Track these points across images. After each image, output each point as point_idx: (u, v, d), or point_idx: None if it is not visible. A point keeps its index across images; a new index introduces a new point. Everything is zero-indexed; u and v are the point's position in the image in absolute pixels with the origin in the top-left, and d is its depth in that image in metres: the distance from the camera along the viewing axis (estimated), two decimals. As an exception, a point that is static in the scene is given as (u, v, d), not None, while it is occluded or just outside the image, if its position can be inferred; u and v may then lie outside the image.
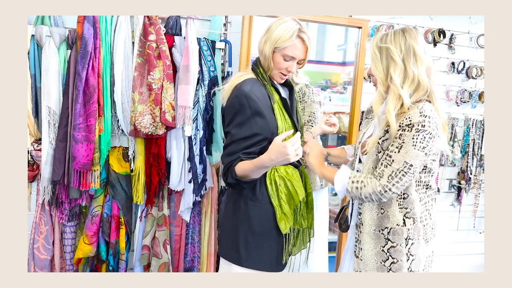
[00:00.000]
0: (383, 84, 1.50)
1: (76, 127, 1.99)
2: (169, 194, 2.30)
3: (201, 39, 2.20)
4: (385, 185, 1.45)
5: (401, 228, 1.51)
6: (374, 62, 1.52)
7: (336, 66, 2.78)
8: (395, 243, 1.52)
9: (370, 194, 1.47)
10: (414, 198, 1.52)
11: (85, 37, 1.99)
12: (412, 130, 1.41)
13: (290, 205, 1.57)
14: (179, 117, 2.11)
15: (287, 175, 1.57)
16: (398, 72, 1.46)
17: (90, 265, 2.27)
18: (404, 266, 1.52)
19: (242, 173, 1.47)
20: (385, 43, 1.48)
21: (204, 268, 2.37)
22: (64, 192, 2.11)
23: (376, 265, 1.55)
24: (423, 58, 1.47)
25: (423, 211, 1.55)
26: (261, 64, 1.59)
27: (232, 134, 1.50)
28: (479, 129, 3.01)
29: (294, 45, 1.53)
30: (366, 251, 1.57)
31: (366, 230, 1.57)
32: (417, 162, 1.43)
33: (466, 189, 3.07)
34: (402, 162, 1.43)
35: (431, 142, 1.43)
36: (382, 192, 1.45)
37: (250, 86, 1.50)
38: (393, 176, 1.44)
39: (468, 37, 2.93)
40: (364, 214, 1.58)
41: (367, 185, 1.47)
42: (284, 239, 1.58)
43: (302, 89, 2.29)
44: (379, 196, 1.47)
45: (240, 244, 1.55)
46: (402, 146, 1.43)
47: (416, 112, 1.43)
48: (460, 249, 3.21)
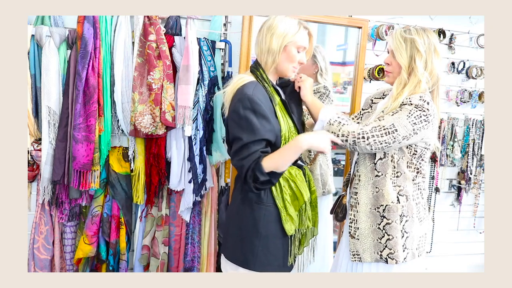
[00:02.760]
0: (406, 70, 1.61)
1: (76, 127, 1.99)
2: (169, 194, 2.30)
3: (201, 39, 2.20)
4: (365, 131, 1.54)
5: (395, 205, 1.60)
6: (398, 51, 1.63)
7: (336, 66, 2.77)
8: (390, 220, 1.60)
9: (349, 132, 1.56)
10: (407, 176, 1.62)
11: (85, 37, 1.99)
12: (411, 106, 1.54)
13: (295, 207, 1.56)
14: (179, 117, 2.11)
15: (291, 176, 1.56)
16: (421, 62, 1.59)
17: (90, 265, 2.27)
18: (399, 243, 1.59)
19: (273, 166, 1.45)
20: (410, 34, 1.61)
21: (204, 268, 2.37)
22: (64, 192, 2.11)
23: (373, 243, 1.63)
24: (440, 54, 1.63)
25: (414, 190, 1.65)
26: (260, 65, 1.58)
27: (240, 138, 1.45)
28: (479, 129, 3.01)
29: (303, 36, 1.57)
30: (362, 229, 1.65)
31: (362, 209, 1.65)
32: (403, 131, 1.53)
33: (466, 189, 3.07)
34: (390, 122, 1.53)
35: (424, 124, 1.54)
36: (360, 136, 1.54)
37: (252, 89, 1.48)
38: (376, 128, 1.54)
39: (468, 37, 2.93)
40: (360, 193, 1.66)
41: (350, 125, 1.58)
42: (290, 241, 1.58)
43: (319, 88, 2.31)
44: (355, 139, 1.55)
45: (246, 247, 1.54)
46: (397, 112, 1.55)
47: (417, 96, 1.55)
48: (460, 249, 3.21)
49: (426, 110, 1.53)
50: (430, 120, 1.55)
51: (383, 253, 1.60)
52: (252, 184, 1.46)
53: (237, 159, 1.48)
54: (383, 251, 1.60)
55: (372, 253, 1.63)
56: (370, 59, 2.62)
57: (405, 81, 1.61)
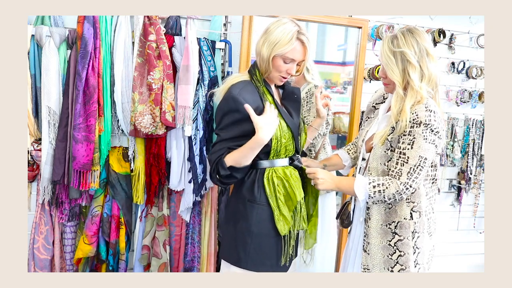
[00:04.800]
0: (401, 85, 1.54)
1: (76, 127, 1.99)
2: (169, 194, 2.30)
3: (201, 39, 2.20)
4: (405, 182, 1.49)
5: (408, 221, 1.56)
6: (389, 67, 1.54)
7: (336, 66, 2.77)
8: (402, 237, 1.56)
9: (394, 194, 1.50)
10: (422, 192, 1.58)
11: (85, 37, 1.99)
12: (421, 126, 1.47)
13: (289, 207, 1.57)
14: (179, 117, 2.11)
15: (285, 176, 1.57)
16: (416, 73, 1.51)
17: (90, 265, 2.27)
18: (411, 259, 1.56)
19: (233, 161, 1.48)
20: (398, 47, 1.52)
21: (204, 268, 2.37)
22: (64, 192, 2.11)
23: (383, 259, 1.59)
24: (434, 56, 1.54)
25: (427, 205, 1.61)
26: (257, 66, 1.58)
27: (219, 135, 1.53)
28: (479, 129, 3.01)
29: (294, 48, 1.52)
30: (373, 245, 1.60)
31: (373, 224, 1.61)
32: (430, 155, 1.49)
33: (466, 189, 3.07)
34: (417, 157, 1.48)
35: (438, 135, 1.49)
36: (404, 190, 1.49)
37: (239, 89, 1.50)
38: (411, 172, 1.49)
39: (468, 37, 2.93)
40: (372, 209, 1.61)
41: (389, 186, 1.51)
42: (283, 241, 1.58)
43: (311, 89, 2.29)
44: (401, 195, 1.51)
45: (239, 246, 1.56)
46: (413, 141, 1.48)
47: (422, 107, 1.48)
48: (460, 249, 3.21)
49: (435, 122, 1.47)
50: (441, 129, 1.50)
51: (394, 269, 1.57)
52: (216, 178, 1.51)
53: (209, 153, 1.55)
54: (394, 267, 1.57)
55: (382, 269, 1.59)
56: (370, 59, 2.62)
57: (401, 97, 1.53)
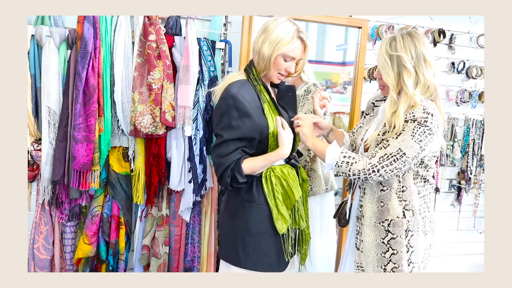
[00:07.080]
0: (395, 90, 1.53)
1: (76, 127, 1.99)
2: (169, 194, 2.30)
3: (201, 39, 2.20)
4: (374, 164, 1.48)
5: (401, 220, 1.55)
6: (385, 70, 1.54)
7: (336, 66, 2.77)
8: (395, 235, 1.56)
9: (359, 171, 1.50)
10: (413, 190, 1.57)
11: (85, 37, 1.99)
12: (414, 123, 1.46)
13: (287, 205, 1.57)
14: (179, 117, 2.11)
15: (283, 175, 1.57)
16: (411, 78, 1.50)
17: (90, 265, 2.27)
18: (404, 257, 1.56)
19: (250, 170, 1.49)
20: (395, 51, 1.51)
21: (204, 268, 2.37)
22: (64, 192, 2.11)
23: (376, 256, 1.59)
24: (432, 63, 1.52)
25: (421, 204, 1.60)
26: (254, 65, 1.59)
27: (221, 135, 1.50)
28: (479, 129, 3.01)
29: (296, 46, 1.54)
30: (366, 243, 1.60)
31: (366, 222, 1.61)
32: (411, 153, 1.47)
33: (466, 189, 3.07)
34: (396, 148, 1.47)
35: (429, 138, 1.47)
36: (370, 170, 1.49)
37: (237, 87, 1.51)
38: (384, 158, 1.48)
39: (468, 37, 2.93)
40: (365, 206, 1.62)
41: (358, 162, 1.51)
42: (282, 240, 1.58)
43: (309, 88, 2.30)
44: (366, 175, 1.50)
45: (238, 245, 1.56)
46: (401, 134, 1.48)
47: (420, 109, 1.48)
48: (460, 249, 3.21)
49: (430, 124, 1.45)
50: (435, 132, 1.48)
51: (387, 267, 1.56)
52: (230, 183, 1.50)
53: (215, 155, 1.52)
54: (387, 265, 1.56)
55: (375, 266, 1.59)
56: (370, 59, 2.62)
57: (395, 101, 1.52)
